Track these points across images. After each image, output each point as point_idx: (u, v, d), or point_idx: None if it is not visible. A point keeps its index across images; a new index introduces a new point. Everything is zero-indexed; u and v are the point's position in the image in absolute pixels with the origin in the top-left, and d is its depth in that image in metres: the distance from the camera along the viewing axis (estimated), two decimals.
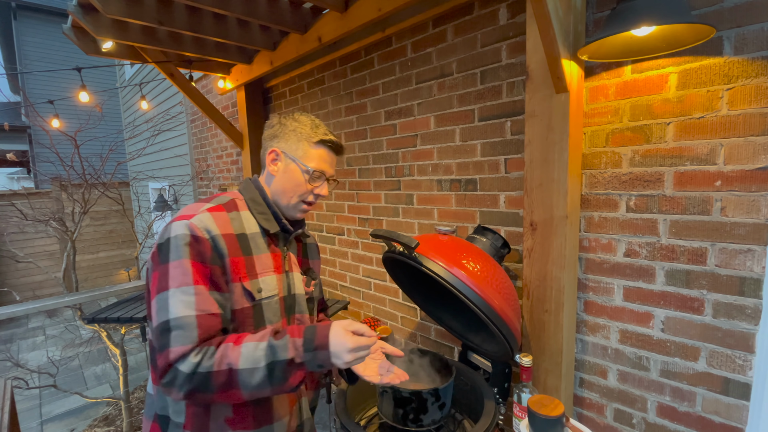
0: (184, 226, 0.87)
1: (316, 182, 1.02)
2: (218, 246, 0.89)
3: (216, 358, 0.81)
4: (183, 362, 0.80)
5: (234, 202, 1.00)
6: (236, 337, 0.86)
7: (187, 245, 0.85)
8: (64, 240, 5.16)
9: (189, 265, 0.85)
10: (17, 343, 5.35)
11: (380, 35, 1.91)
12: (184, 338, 0.81)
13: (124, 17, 1.81)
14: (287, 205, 1.03)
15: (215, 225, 0.90)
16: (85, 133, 4.17)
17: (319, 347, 0.84)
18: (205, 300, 0.85)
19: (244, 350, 0.83)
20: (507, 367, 1.40)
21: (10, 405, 1.67)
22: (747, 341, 1.06)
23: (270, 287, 0.97)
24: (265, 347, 0.83)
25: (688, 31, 0.99)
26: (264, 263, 0.98)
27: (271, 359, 0.82)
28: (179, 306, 0.82)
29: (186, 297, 0.83)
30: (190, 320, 0.82)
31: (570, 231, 1.28)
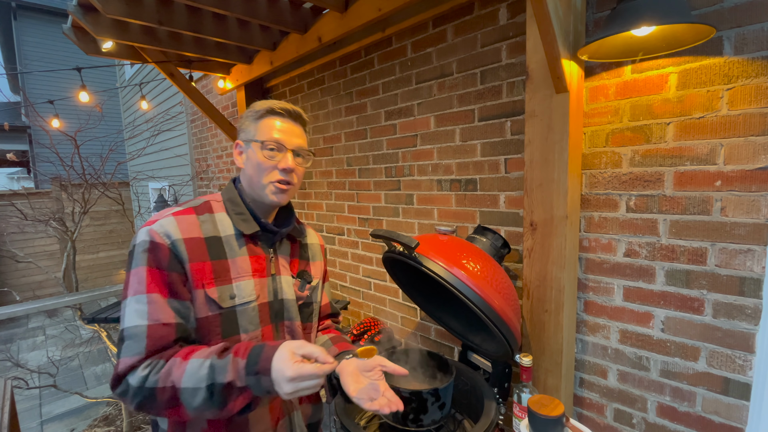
0: (146, 232, 0.84)
1: (274, 156, 0.93)
2: (178, 251, 0.84)
3: (161, 374, 0.77)
4: (132, 375, 0.78)
5: (208, 204, 0.95)
6: (187, 351, 0.81)
7: (146, 252, 0.83)
8: (64, 240, 5.16)
9: (145, 273, 0.82)
10: (17, 343, 5.35)
11: (380, 35, 1.91)
12: (132, 349, 0.79)
13: (124, 17, 1.81)
14: (259, 193, 0.95)
15: (177, 229, 0.86)
16: (85, 133, 4.17)
17: (260, 372, 0.76)
18: (158, 309, 0.81)
19: (189, 368, 0.77)
20: (507, 367, 1.40)
21: (10, 405, 1.67)
22: (747, 341, 1.06)
23: (246, 293, 0.91)
24: (208, 366, 0.77)
25: (688, 31, 0.99)
26: (240, 267, 0.92)
27: (211, 380, 0.76)
28: (132, 315, 0.80)
29: (139, 306, 0.80)
30: (140, 330, 0.79)
31: (570, 231, 1.28)
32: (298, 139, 0.98)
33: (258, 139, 0.93)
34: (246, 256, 0.94)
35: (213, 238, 0.90)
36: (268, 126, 0.94)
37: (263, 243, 0.98)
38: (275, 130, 0.94)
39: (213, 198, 0.98)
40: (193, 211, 0.92)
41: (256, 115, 0.95)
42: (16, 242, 6.32)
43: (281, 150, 0.94)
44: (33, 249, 6.63)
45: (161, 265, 0.83)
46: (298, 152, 0.98)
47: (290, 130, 0.96)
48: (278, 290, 0.98)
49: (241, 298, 0.90)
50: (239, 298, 0.90)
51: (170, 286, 0.83)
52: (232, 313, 0.89)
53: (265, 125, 0.94)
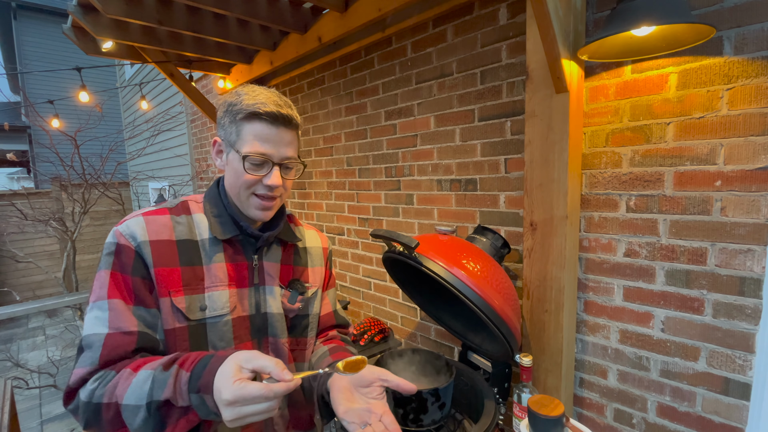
0: (112, 233, 0.78)
1: (256, 170, 0.80)
2: (143, 254, 0.76)
3: (108, 388, 0.67)
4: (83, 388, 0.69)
5: (186, 204, 0.87)
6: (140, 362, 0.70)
7: (111, 254, 0.76)
8: (64, 240, 5.16)
9: (107, 277, 0.74)
10: (17, 343, 5.35)
11: (380, 35, 1.91)
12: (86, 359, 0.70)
13: (124, 17, 1.81)
14: (241, 203, 0.85)
15: (144, 231, 0.77)
16: (85, 133, 4.17)
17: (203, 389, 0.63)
18: (119, 316, 0.72)
19: (135, 381, 0.66)
20: (507, 367, 1.40)
21: (10, 405, 1.67)
22: (747, 341, 1.06)
23: (219, 304, 0.81)
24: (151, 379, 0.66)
25: (688, 31, 0.98)
26: (214, 275, 0.82)
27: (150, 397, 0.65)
28: (92, 322, 0.73)
29: (99, 312, 0.73)
30: (97, 339, 0.71)
31: (570, 231, 1.28)
32: (287, 148, 0.82)
33: (240, 149, 0.79)
34: (223, 263, 0.83)
35: (187, 242, 0.81)
36: (254, 134, 0.79)
37: (245, 248, 0.87)
38: (262, 140, 0.79)
39: (193, 198, 0.89)
40: (167, 211, 0.83)
41: (239, 115, 0.79)
42: (16, 242, 6.32)
43: (266, 164, 0.81)
44: (33, 249, 6.63)
45: (125, 269, 0.75)
46: (286, 165, 0.84)
47: (278, 139, 0.80)
48: (261, 303, 0.88)
49: (212, 311, 0.80)
50: (210, 310, 0.80)
51: (135, 292, 0.75)
52: (202, 326, 0.79)
53: (248, 133, 0.79)
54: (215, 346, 0.81)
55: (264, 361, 0.62)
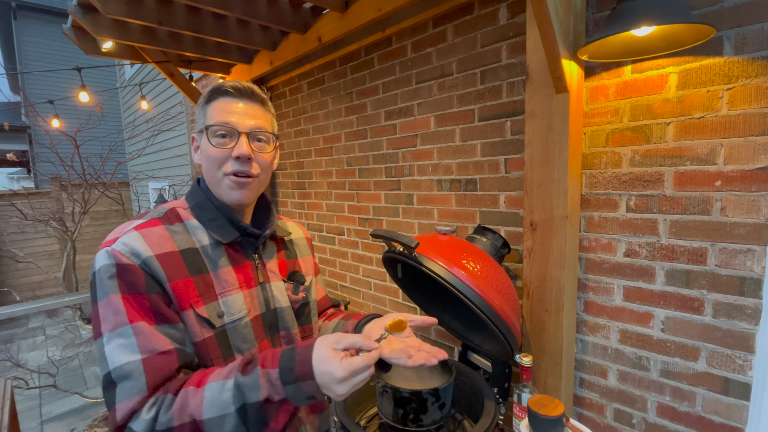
0: (106, 255, 0.71)
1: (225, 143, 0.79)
2: (152, 270, 0.72)
3: (174, 410, 0.65)
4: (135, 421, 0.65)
5: (174, 211, 0.83)
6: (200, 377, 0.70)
7: (113, 277, 0.69)
8: (64, 240, 5.16)
9: (119, 301, 0.68)
10: (17, 343, 5.35)
11: (380, 35, 1.91)
12: (130, 391, 0.65)
13: (124, 17, 1.81)
14: (216, 190, 0.83)
15: (145, 245, 0.73)
16: (85, 133, 4.17)
17: (301, 377, 0.66)
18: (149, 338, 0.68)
19: (207, 394, 0.66)
20: (507, 367, 1.40)
21: (10, 405, 1.68)
22: (747, 341, 1.06)
23: (235, 308, 0.81)
24: (232, 386, 0.66)
25: (688, 31, 0.98)
26: (225, 280, 0.81)
27: (241, 402, 0.66)
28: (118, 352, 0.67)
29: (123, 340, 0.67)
30: (134, 366, 0.66)
31: (570, 231, 1.28)
32: (253, 120, 0.82)
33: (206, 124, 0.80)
34: (229, 266, 0.82)
35: (189, 251, 0.78)
36: (216, 109, 0.80)
37: (246, 249, 0.87)
38: (225, 111, 0.80)
39: (178, 205, 0.85)
40: (159, 222, 0.79)
41: (204, 99, 0.82)
42: (16, 242, 6.32)
43: (233, 135, 0.79)
44: (33, 249, 6.63)
45: (137, 288, 0.70)
46: (255, 135, 0.82)
47: (243, 111, 0.81)
48: (270, 299, 0.89)
49: (230, 316, 0.80)
50: (228, 315, 0.79)
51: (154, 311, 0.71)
52: (223, 332, 0.79)
53: (213, 109, 0.80)
54: (239, 349, 0.81)
55: (351, 339, 0.69)
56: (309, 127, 2.66)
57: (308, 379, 0.66)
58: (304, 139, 2.72)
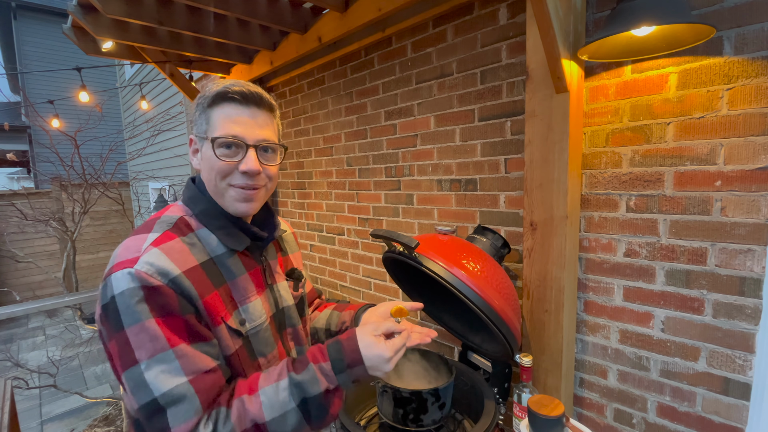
0: (129, 277, 0.65)
1: (231, 156, 0.75)
2: (183, 289, 0.69)
3: (233, 420, 0.68)
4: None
5: (184, 221, 0.78)
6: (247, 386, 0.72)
7: (142, 301, 0.65)
8: (64, 240, 5.16)
9: (154, 326, 0.65)
10: (17, 343, 5.35)
11: (380, 35, 1.91)
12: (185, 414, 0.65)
13: (124, 17, 1.81)
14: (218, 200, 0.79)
15: (171, 263, 0.69)
16: (85, 133, 4.17)
17: (351, 364, 0.74)
18: (192, 359, 0.67)
19: (264, 398, 0.70)
20: (507, 367, 1.40)
21: (10, 405, 1.68)
22: (747, 341, 1.06)
23: (256, 315, 0.81)
24: (288, 386, 0.71)
25: (688, 31, 0.98)
26: (242, 287, 0.80)
27: (302, 396, 0.71)
28: (162, 378, 0.65)
29: (166, 365, 0.65)
30: (185, 389, 0.66)
31: (570, 231, 1.28)
32: (262, 130, 0.77)
33: (210, 135, 0.74)
34: (245, 273, 0.82)
35: (207, 263, 0.75)
36: (221, 118, 0.74)
37: (254, 253, 0.86)
38: (231, 121, 0.74)
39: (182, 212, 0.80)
40: (174, 234, 0.74)
41: (206, 102, 0.75)
42: (16, 242, 6.32)
43: (240, 147, 0.75)
44: (33, 249, 6.63)
45: (170, 310, 0.67)
46: (263, 147, 0.78)
47: (251, 120, 0.76)
48: (278, 299, 0.90)
49: (251, 322, 0.80)
50: (250, 322, 0.79)
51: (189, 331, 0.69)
52: (246, 340, 0.79)
53: (218, 117, 0.74)
54: (263, 353, 0.82)
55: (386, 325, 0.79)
56: (309, 127, 2.66)
57: (358, 365, 0.74)
58: (304, 139, 2.72)
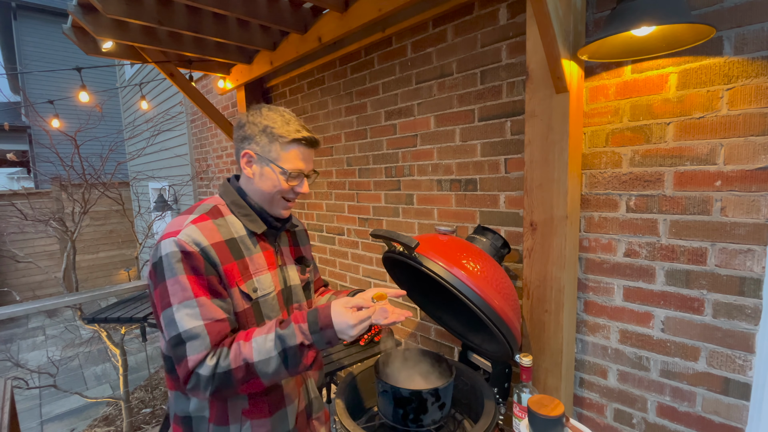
0: (173, 243, 0.90)
1: (294, 181, 1.03)
2: (209, 256, 0.92)
3: (231, 357, 0.88)
4: (201, 367, 0.87)
5: (217, 208, 1.02)
6: (245, 334, 0.92)
7: (180, 261, 0.89)
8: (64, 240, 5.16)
9: (186, 281, 0.89)
10: (17, 343, 5.35)
11: (380, 35, 1.91)
12: (198, 346, 0.88)
13: (124, 17, 1.81)
14: (268, 207, 1.05)
15: (202, 236, 0.93)
16: (85, 133, 4.17)
17: (324, 327, 0.91)
18: (208, 309, 0.90)
19: (255, 345, 0.89)
20: (507, 367, 1.40)
21: (10, 405, 1.67)
22: (747, 341, 1.06)
23: (265, 285, 1.02)
24: (274, 338, 0.90)
25: (688, 31, 0.98)
26: (257, 263, 1.02)
27: (282, 347, 0.89)
28: (186, 319, 0.88)
29: (190, 310, 0.88)
30: (200, 330, 0.88)
31: (570, 231, 1.28)
32: (312, 164, 1.08)
33: (283, 167, 1.00)
34: (260, 252, 1.04)
35: (231, 240, 0.98)
36: (294, 155, 1.01)
37: (269, 238, 1.09)
38: (300, 159, 1.02)
39: (217, 202, 1.05)
40: (207, 217, 0.98)
41: (282, 139, 1.00)
42: (16, 242, 6.32)
43: (300, 177, 1.04)
44: (33, 249, 6.63)
45: (199, 271, 0.90)
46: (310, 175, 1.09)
47: (309, 158, 1.05)
48: (287, 278, 1.10)
49: (262, 291, 1.01)
50: (261, 290, 1.01)
51: (211, 289, 0.92)
52: (257, 304, 1.00)
53: (292, 154, 1.01)
54: (269, 317, 1.02)
55: (356, 300, 0.96)
56: (309, 126, 2.66)
57: (328, 329, 0.91)
58: None
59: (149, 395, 3.98)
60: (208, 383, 0.87)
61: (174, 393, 1.03)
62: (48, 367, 3.64)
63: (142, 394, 4.03)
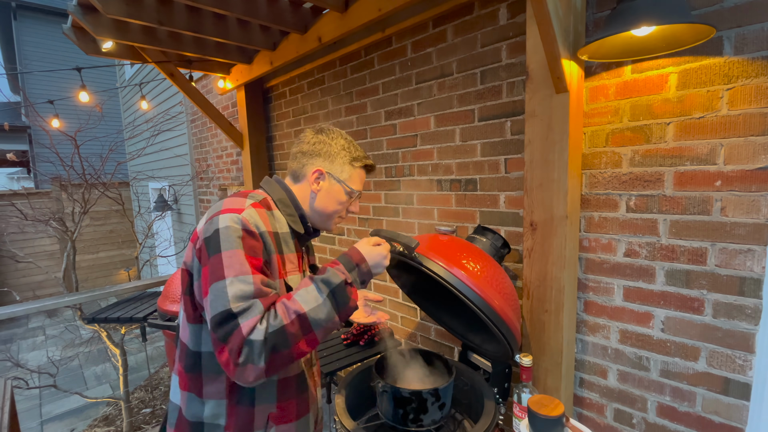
0: (236, 219, 0.90)
1: (354, 201, 1.11)
2: (266, 242, 0.93)
3: (281, 314, 0.87)
4: (254, 332, 0.83)
5: (267, 201, 1.03)
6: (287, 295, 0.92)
7: (240, 238, 0.88)
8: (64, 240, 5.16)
9: (243, 256, 0.88)
10: (17, 343, 5.35)
11: (380, 35, 1.91)
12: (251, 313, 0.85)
13: (124, 17, 1.81)
14: (320, 221, 1.09)
15: (261, 222, 0.94)
16: (85, 133, 4.17)
17: (359, 263, 0.97)
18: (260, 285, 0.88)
19: (299, 298, 0.89)
20: (507, 367, 1.40)
21: (10, 405, 1.68)
22: (747, 341, 1.06)
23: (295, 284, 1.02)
24: (317, 284, 0.92)
25: (688, 31, 0.99)
26: (292, 262, 1.04)
27: (330, 288, 0.91)
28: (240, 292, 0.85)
29: (244, 285, 0.86)
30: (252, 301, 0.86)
31: (570, 231, 1.28)
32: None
33: (351, 186, 1.08)
34: (294, 253, 1.06)
35: (277, 234, 1.00)
36: (360, 178, 1.10)
37: (301, 242, 1.11)
38: (361, 182, 1.11)
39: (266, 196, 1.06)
40: (261, 205, 0.99)
41: (356, 163, 1.08)
42: (16, 242, 6.32)
43: (358, 198, 1.12)
44: (33, 249, 6.63)
45: (256, 252, 0.90)
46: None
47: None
48: None
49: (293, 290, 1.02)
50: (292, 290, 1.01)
51: (261, 270, 0.91)
52: None
53: (359, 177, 1.10)
54: None
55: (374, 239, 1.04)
56: (309, 127, 2.66)
57: (362, 263, 0.97)
58: None
59: (149, 395, 3.98)
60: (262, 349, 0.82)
61: (188, 395, 0.98)
62: (48, 367, 3.64)
63: (142, 394, 4.03)
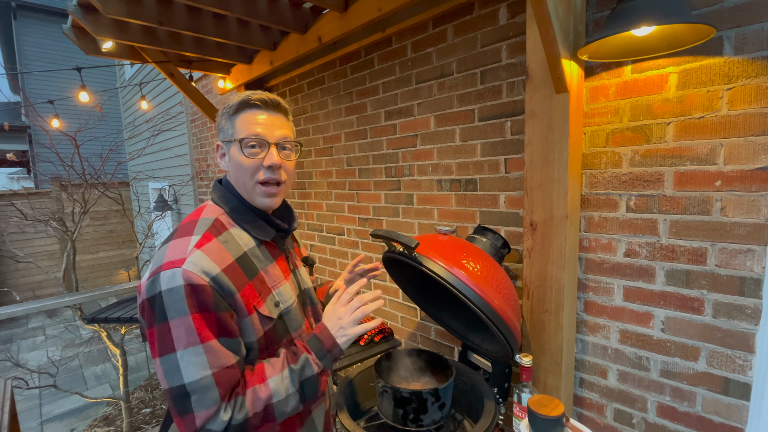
0: (177, 275, 0.75)
1: (256, 153, 0.87)
2: (223, 286, 0.79)
3: (248, 406, 0.79)
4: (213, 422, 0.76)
5: (219, 221, 0.88)
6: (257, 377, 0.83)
7: (185, 297, 0.75)
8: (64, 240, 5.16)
9: (191, 322, 0.75)
10: (17, 343, 5.35)
11: (380, 35, 1.91)
12: (206, 401, 0.76)
13: (124, 17, 1.81)
14: (248, 194, 0.91)
15: (212, 263, 0.79)
16: (85, 133, 4.17)
17: (330, 349, 0.88)
18: (217, 355, 0.77)
19: (272, 386, 0.82)
20: (507, 367, 1.40)
21: (10, 405, 1.68)
22: (747, 341, 1.06)
23: (286, 296, 0.93)
24: (289, 375, 0.84)
25: (688, 31, 0.99)
26: (273, 274, 0.92)
27: (300, 380, 0.85)
28: (192, 368, 0.75)
29: (197, 358, 0.75)
30: (208, 381, 0.76)
31: (570, 231, 1.28)
32: (280, 130, 0.90)
33: (236, 137, 0.87)
34: (273, 261, 0.94)
35: (242, 257, 0.86)
36: (245, 121, 0.88)
37: (278, 243, 1.00)
38: (254, 123, 0.87)
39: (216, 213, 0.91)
40: (212, 235, 0.84)
41: (231, 111, 0.89)
42: (16, 242, 6.32)
43: (263, 146, 0.88)
44: (33, 249, 6.63)
45: (207, 307, 0.77)
46: (282, 145, 0.91)
47: (270, 122, 0.89)
48: (300, 282, 1.04)
49: (284, 303, 0.92)
50: (283, 303, 0.92)
51: (219, 327, 0.78)
52: (281, 318, 0.91)
53: (242, 121, 0.88)
54: (294, 327, 0.95)
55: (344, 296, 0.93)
56: (309, 127, 2.66)
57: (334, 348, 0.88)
58: (304, 139, 2.72)
59: (149, 395, 3.98)
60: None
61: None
62: (48, 367, 3.64)
63: (142, 394, 4.03)
